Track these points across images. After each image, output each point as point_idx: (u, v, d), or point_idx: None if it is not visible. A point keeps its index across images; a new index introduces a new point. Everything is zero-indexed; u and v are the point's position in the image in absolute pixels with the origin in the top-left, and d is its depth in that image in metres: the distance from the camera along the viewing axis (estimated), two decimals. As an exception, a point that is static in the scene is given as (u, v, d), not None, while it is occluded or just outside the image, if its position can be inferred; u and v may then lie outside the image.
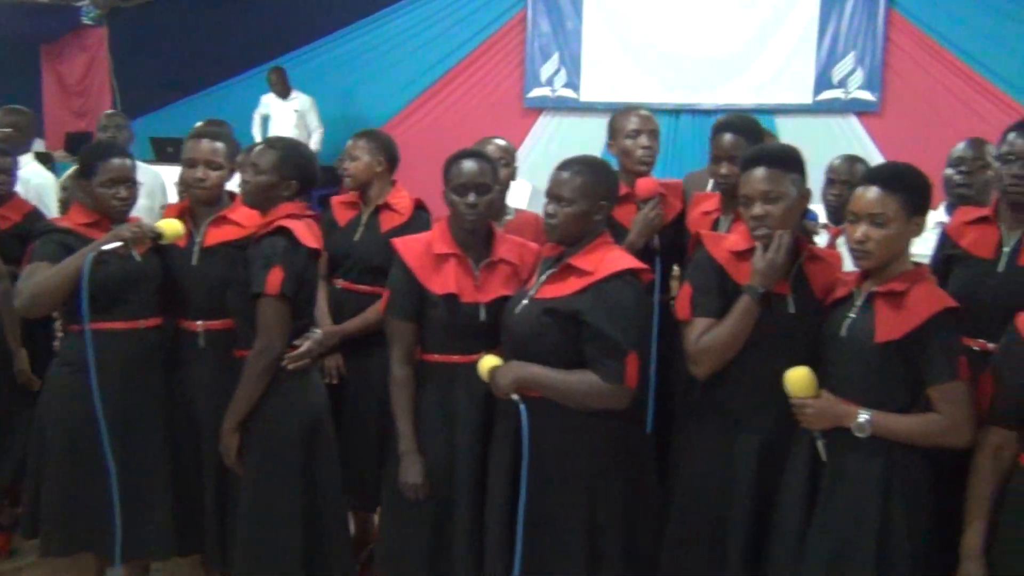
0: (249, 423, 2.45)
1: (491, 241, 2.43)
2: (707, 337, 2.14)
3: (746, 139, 2.68)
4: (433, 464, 2.34)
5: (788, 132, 6.69)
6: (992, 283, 2.29)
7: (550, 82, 7.17)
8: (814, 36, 6.55)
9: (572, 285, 2.16)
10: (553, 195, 2.21)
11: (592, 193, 2.18)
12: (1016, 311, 1.96)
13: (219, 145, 2.62)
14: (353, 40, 7.40)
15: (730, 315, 2.13)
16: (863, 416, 1.98)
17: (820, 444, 2.07)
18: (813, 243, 2.82)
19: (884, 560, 1.96)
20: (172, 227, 2.51)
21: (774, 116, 6.73)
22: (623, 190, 2.80)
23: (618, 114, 2.91)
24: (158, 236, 2.49)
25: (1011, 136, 2.31)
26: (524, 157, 5.70)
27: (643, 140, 2.80)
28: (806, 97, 6.60)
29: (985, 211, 2.39)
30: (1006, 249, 2.30)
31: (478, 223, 2.35)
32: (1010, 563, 1.88)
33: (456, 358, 2.35)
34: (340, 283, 3.04)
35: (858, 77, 6.49)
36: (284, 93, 7.09)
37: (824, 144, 6.61)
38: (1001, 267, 2.29)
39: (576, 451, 2.18)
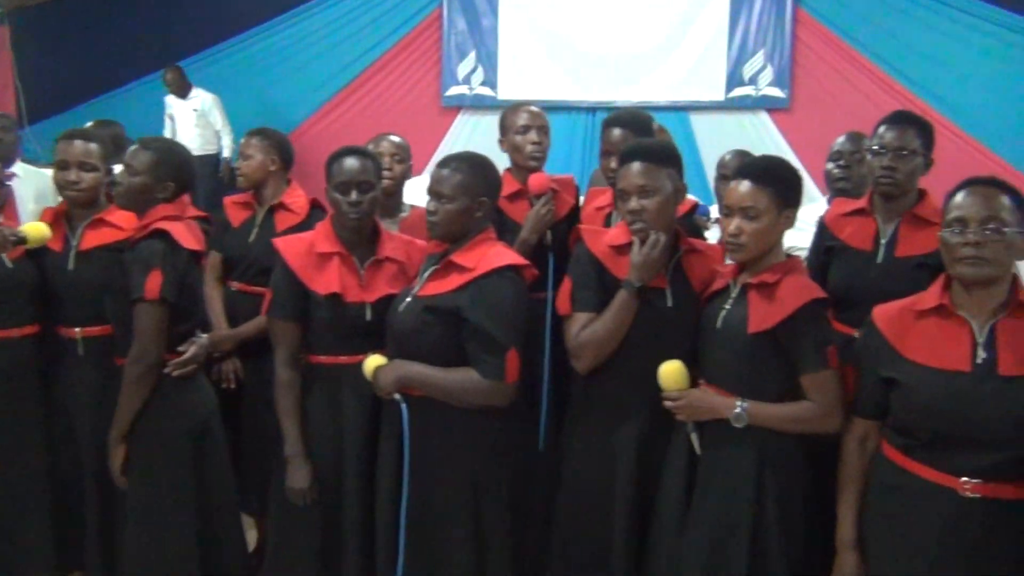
0: (134, 432, 2.37)
1: (376, 239, 2.39)
2: (586, 332, 2.15)
3: (634, 134, 2.70)
4: (321, 467, 2.29)
5: (702, 129, 6.82)
6: (871, 274, 2.35)
7: (467, 80, 7.14)
8: (725, 34, 6.66)
9: (453, 282, 2.15)
10: (433, 192, 2.19)
11: (472, 190, 2.16)
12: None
13: (92, 146, 2.54)
14: (264, 40, 7.25)
15: (608, 309, 2.13)
16: (738, 406, 2.01)
17: (694, 437, 2.10)
18: (703, 237, 2.87)
19: (758, 550, 1.98)
20: (37, 231, 2.42)
21: (688, 113, 6.83)
22: (515, 186, 2.81)
23: (508, 110, 2.91)
24: (22, 240, 2.39)
25: (881, 129, 2.37)
26: (442, 156, 5.69)
27: (532, 136, 2.80)
28: (718, 94, 6.70)
29: (860, 203, 2.45)
30: (883, 241, 2.36)
31: (362, 221, 2.32)
32: (874, 553, 1.92)
33: (343, 359, 2.31)
34: (235, 285, 2.97)
35: (768, 74, 6.61)
36: (182, 92, 6.90)
37: (737, 140, 6.69)
38: (879, 259, 2.35)
39: (460, 449, 2.17)
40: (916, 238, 2.30)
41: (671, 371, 2.08)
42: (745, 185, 2.03)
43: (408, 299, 2.22)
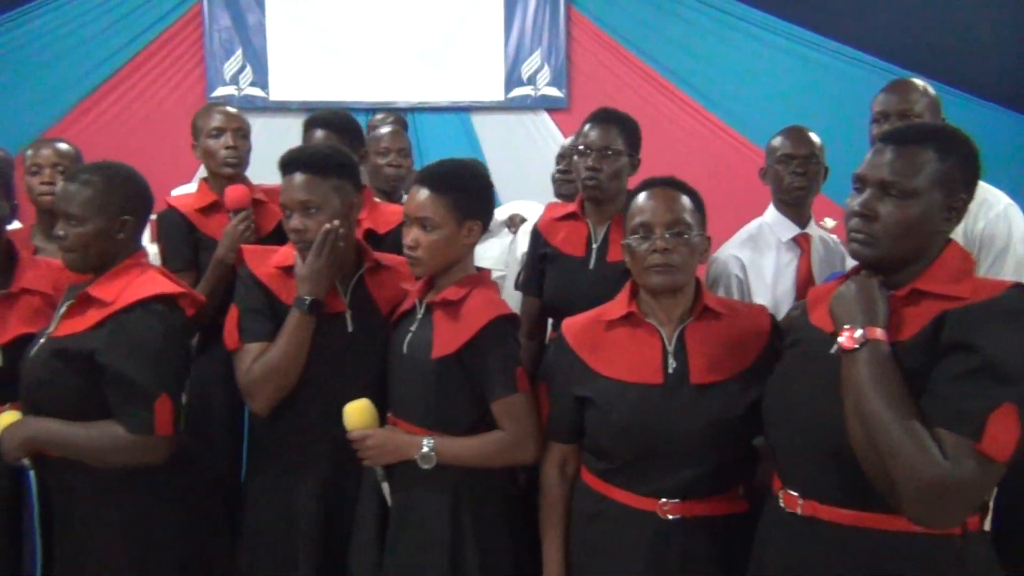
0: None
1: (13, 267, 2.00)
2: (259, 364, 1.86)
3: (337, 135, 2.44)
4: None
5: (484, 129, 6.70)
6: (583, 281, 2.20)
7: (235, 80, 6.65)
8: (501, 34, 6.55)
9: (90, 319, 1.79)
10: (61, 213, 1.83)
11: (108, 208, 1.82)
12: None
13: None
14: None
15: (281, 335, 1.86)
16: (425, 445, 1.80)
17: (384, 487, 1.86)
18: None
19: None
20: None
21: (469, 113, 6.68)
22: (210, 198, 2.48)
23: (200, 112, 2.58)
24: None
25: (586, 128, 2.24)
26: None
27: (227, 139, 2.48)
28: (498, 94, 6.57)
29: (572, 207, 2.30)
30: (594, 246, 2.22)
31: None
32: None
33: (-28, 413, 1.91)
34: None
35: (546, 74, 6.56)
36: None
37: (518, 140, 6.67)
38: (591, 265, 2.21)
39: (113, 517, 1.82)
40: None
41: (355, 409, 1.84)
42: (423, 194, 1.82)
43: (42, 340, 1.86)
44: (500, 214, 3.18)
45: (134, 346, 1.75)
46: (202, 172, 2.63)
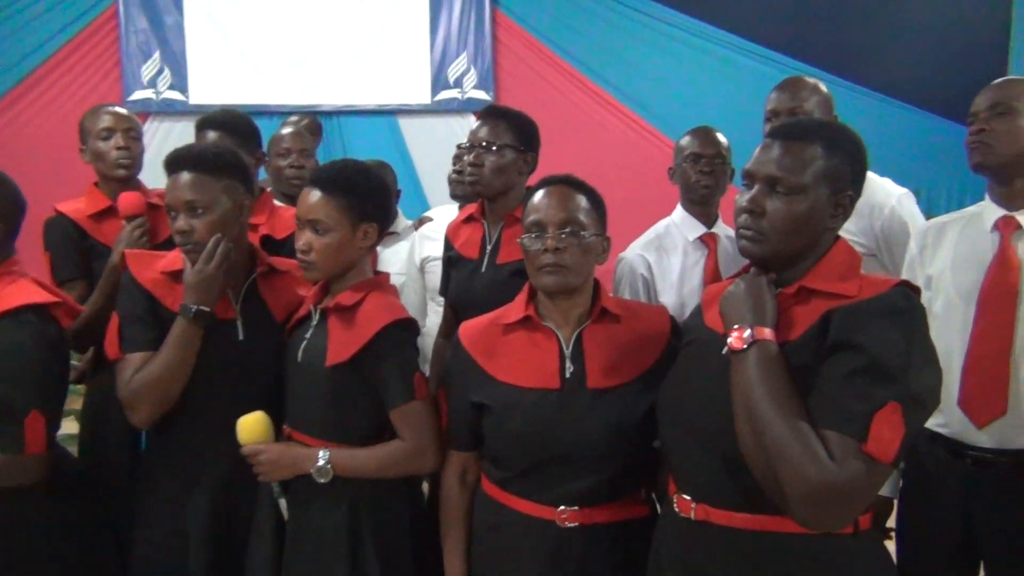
0: None
1: None
2: (141, 375, 1.76)
3: (231, 136, 2.35)
4: None
5: (411, 132, 6.64)
6: (479, 284, 2.15)
7: (153, 84, 6.46)
8: (426, 36, 6.49)
9: (-46, 332, 1.68)
10: None
11: None
12: None
13: None
14: None
15: (165, 344, 1.76)
16: (321, 458, 1.73)
17: (281, 502, 1.79)
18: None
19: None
20: None
21: (396, 116, 6.63)
22: (103, 203, 2.37)
23: (87, 113, 2.45)
24: None
25: (475, 126, 2.19)
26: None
27: (118, 140, 2.36)
28: (425, 97, 6.52)
29: (471, 209, 2.25)
30: (488, 248, 2.18)
31: None
32: None
33: None
34: None
35: (472, 77, 6.52)
36: None
37: (446, 144, 6.54)
38: (483, 267, 2.16)
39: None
40: (516, 243, 2.13)
41: (248, 423, 1.76)
42: (314, 195, 1.75)
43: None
44: (435, 216, 3.12)
45: (0, 360, 1.65)
46: None
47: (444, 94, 6.53)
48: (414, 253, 2.71)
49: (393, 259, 2.81)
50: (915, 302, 1.33)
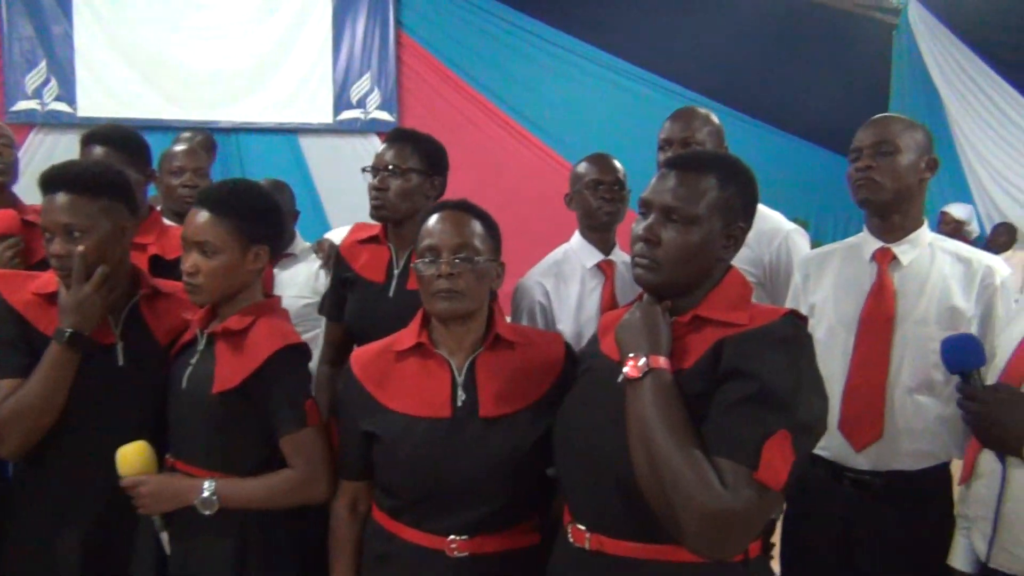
0: None
1: None
2: (10, 403, 1.65)
3: (118, 152, 2.25)
4: None
5: (312, 151, 6.55)
6: (383, 308, 2.11)
7: (39, 94, 6.17)
8: (329, 55, 6.44)
9: None
10: None
11: None
12: None
13: None
14: None
15: (36, 370, 1.67)
16: (206, 489, 1.66)
17: (163, 536, 1.71)
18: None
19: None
20: None
21: (297, 135, 6.53)
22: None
23: None
24: None
25: (382, 148, 2.16)
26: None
27: None
28: (327, 116, 6.45)
29: (375, 229, 2.22)
30: (396, 271, 2.15)
31: None
32: None
33: None
34: None
35: (376, 98, 6.49)
36: None
37: (348, 164, 6.54)
38: (391, 291, 2.13)
39: None
40: None
41: (128, 453, 1.68)
42: (202, 216, 1.69)
43: None
44: (335, 237, 3.06)
45: None
46: None
47: (347, 114, 6.48)
48: (321, 275, 2.66)
49: (291, 282, 2.74)
50: (803, 331, 1.38)
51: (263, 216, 1.75)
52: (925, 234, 1.98)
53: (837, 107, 5.85)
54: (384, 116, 6.50)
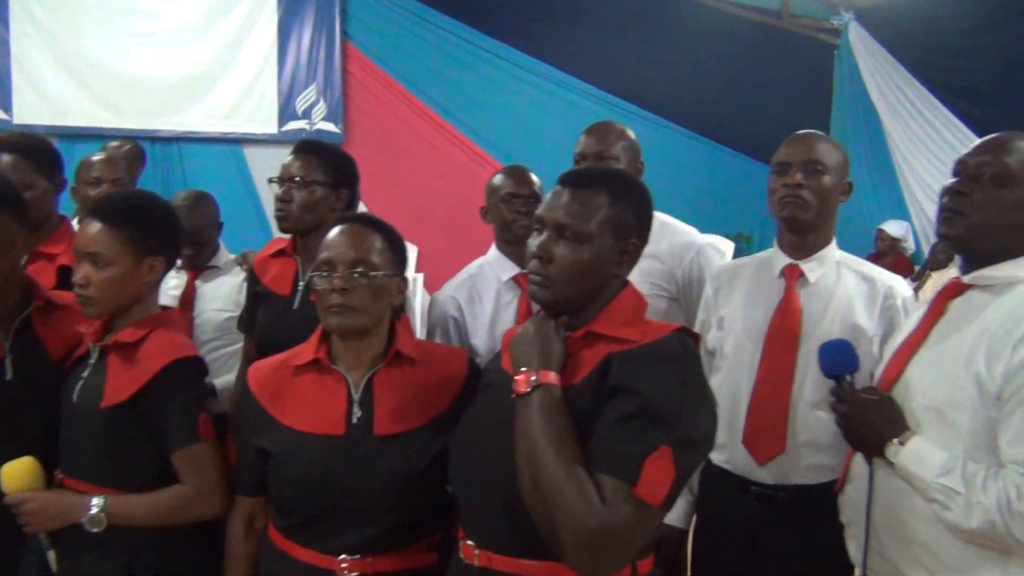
0: None
1: None
2: None
3: (27, 160, 2.20)
4: None
5: (256, 162, 6.44)
6: (290, 322, 2.08)
7: (-28, 101, 6.02)
8: (274, 65, 6.33)
9: None
10: None
11: None
12: None
13: None
14: None
15: None
16: (94, 505, 1.61)
17: (50, 555, 1.66)
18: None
19: None
20: None
21: (242, 145, 6.41)
22: None
23: None
24: None
25: (288, 160, 2.15)
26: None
27: None
28: (272, 127, 6.34)
29: (284, 243, 2.20)
30: (301, 284, 2.12)
31: None
32: None
33: None
34: None
35: (322, 109, 6.41)
36: None
37: (296, 175, 6.47)
38: (296, 304, 2.10)
39: None
40: None
41: (13, 470, 1.64)
42: (94, 227, 1.66)
43: None
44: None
45: None
46: None
47: (292, 125, 6.38)
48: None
49: (213, 294, 2.68)
50: (690, 347, 1.38)
51: (158, 226, 1.72)
52: (833, 252, 2.00)
53: (780, 125, 5.87)
54: (330, 127, 6.42)
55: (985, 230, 1.51)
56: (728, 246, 5.32)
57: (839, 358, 1.66)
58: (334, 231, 1.62)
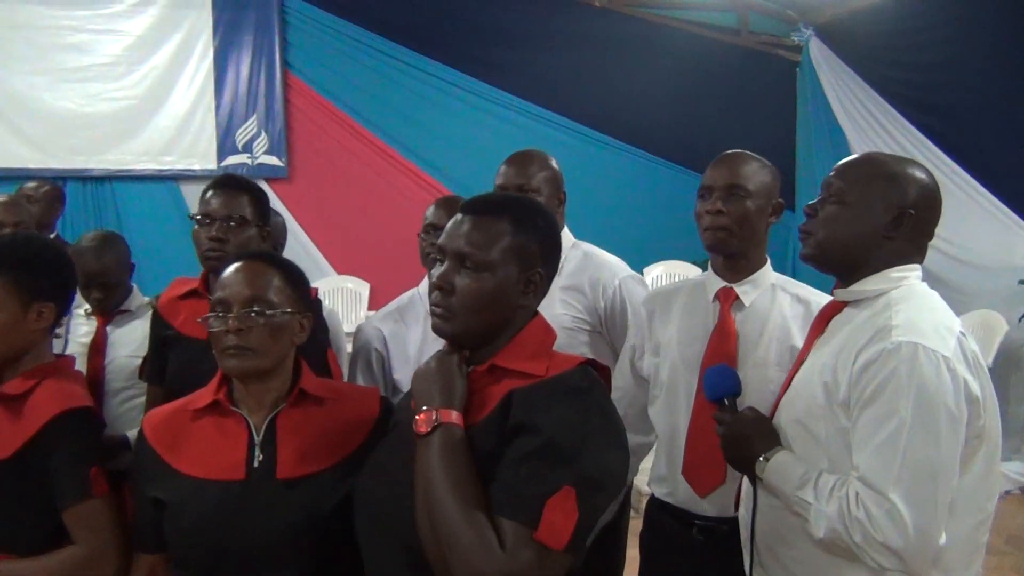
0: None
1: None
2: None
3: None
4: None
5: (195, 199, 6.24)
6: (207, 367, 1.93)
7: None
8: (211, 98, 6.18)
9: None
10: None
11: None
12: None
13: None
14: None
15: None
16: None
17: None
18: None
19: None
20: None
21: (178, 183, 6.25)
22: None
23: None
24: None
25: (208, 195, 2.05)
26: None
27: None
28: (210, 163, 6.16)
29: (194, 283, 2.08)
30: (216, 326, 2.00)
31: None
32: None
33: None
34: None
35: (264, 142, 6.27)
36: None
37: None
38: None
39: None
40: None
41: None
42: None
43: None
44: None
45: None
46: None
47: (232, 159, 6.23)
48: None
49: (126, 339, 2.52)
50: (596, 380, 1.31)
51: (47, 271, 1.60)
52: (768, 275, 1.94)
53: (744, 145, 5.82)
54: (272, 161, 6.28)
55: (828, 247, 1.54)
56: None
57: (720, 381, 1.67)
58: (229, 269, 1.52)
